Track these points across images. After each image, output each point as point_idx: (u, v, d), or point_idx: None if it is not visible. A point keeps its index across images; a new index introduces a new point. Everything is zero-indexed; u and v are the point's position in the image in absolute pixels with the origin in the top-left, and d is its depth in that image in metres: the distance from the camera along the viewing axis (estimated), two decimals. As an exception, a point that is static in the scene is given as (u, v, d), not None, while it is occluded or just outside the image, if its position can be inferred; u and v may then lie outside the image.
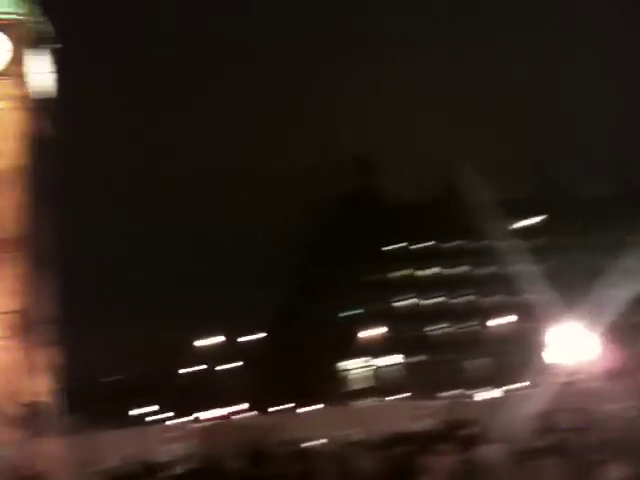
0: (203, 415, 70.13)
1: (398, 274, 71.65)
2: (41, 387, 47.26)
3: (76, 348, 57.06)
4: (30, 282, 47.68)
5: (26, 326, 46.03)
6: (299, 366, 69.94)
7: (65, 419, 49.88)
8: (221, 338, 71.29)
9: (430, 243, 72.27)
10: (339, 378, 69.97)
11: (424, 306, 71.83)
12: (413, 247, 71.79)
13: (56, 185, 55.54)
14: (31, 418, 39.84)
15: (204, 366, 79.97)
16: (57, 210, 55.32)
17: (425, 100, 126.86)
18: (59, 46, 56.67)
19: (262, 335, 79.25)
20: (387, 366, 68.88)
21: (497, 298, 73.23)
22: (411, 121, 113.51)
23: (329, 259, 68.31)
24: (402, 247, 70.96)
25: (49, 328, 51.70)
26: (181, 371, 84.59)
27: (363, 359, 69.76)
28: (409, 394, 60.07)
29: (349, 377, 70.73)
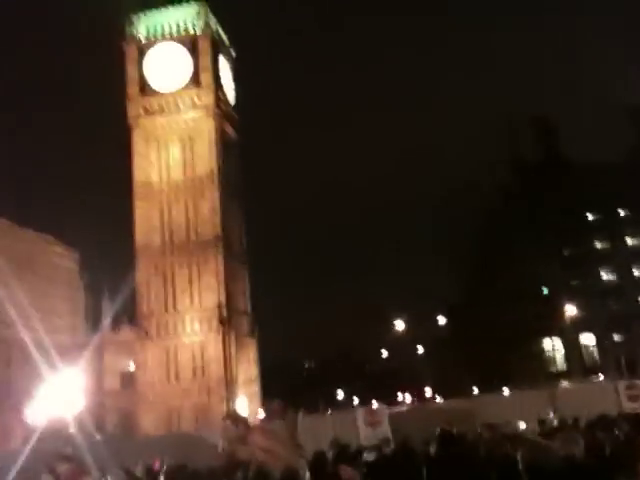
0: (394, 399, 70.71)
1: (597, 245, 64.79)
2: (243, 375, 50.46)
3: (271, 337, 60.52)
4: (228, 278, 51.03)
5: (225, 319, 49.23)
6: (490, 347, 67.65)
7: (265, 404, 53.08)
8: (402, 323, 71.15)
9: (627, 211, 64.86)
10: (537, 358, 66.25)
11: (627, 280, 65.19)
12: (610, 214, 64.73)
13: (244, 186, 59.65)
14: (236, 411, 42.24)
15: (388, 351, 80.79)
16: (247, 209, 59.32)
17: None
18: (234, 54, 60.37)
19: (443, 318, 77.66)
20: (588, 345, 64.00)
21: None
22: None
23: (515, 231, 64.69)
24: (598, 215, 64.51)
25: (247, 320, 55.39)
26: (368, 357, 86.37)
27: (561, 338, 65.33)
28: (614, 373, 55.34)
29: (547, 357, 66.69)
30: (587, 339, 62.99)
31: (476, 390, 60.89)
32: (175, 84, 53.33)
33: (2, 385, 42.63)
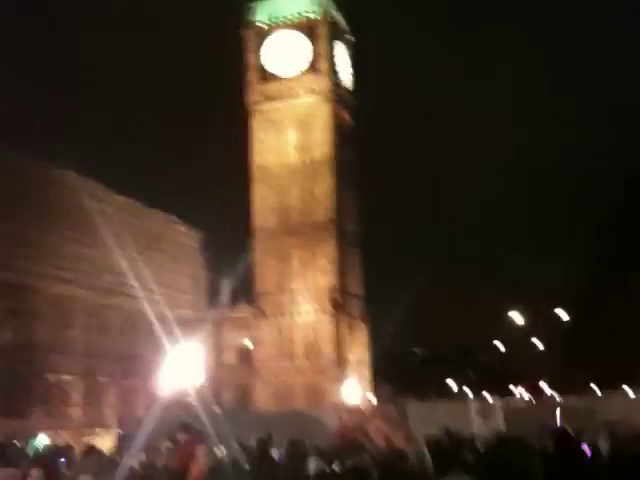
0: (508, 392, 68.61)
1: None
2: (354, 358, 50.98)
3: (383, 322, 60.49)
4: (341, 261, 51.62)
5: (338, 301, 49.91)
6: (614, 344, 64.05)
7: (376, 389, 53.33)
8: (519, 314, 68.54)
9: None
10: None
11: None
12: None
13: (360, 171, 59.79)
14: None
15: (503, 343, 78.47)
16: (363, 194, 59.47)
17: None
18: (354, 40, 60.24)
19: (563, 311, 74.02)
20: None
21: None
22: None
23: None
24: None
25: (359, 303, 55.78)
26: (482, 348, 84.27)
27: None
28: None
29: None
30: None
31: (595, 388, 57.85)
32: (293, 70, 54.17)
33: (129, 353, 45.74)
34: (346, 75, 57.92)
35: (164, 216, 52.83)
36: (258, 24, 55.66)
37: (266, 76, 54.62)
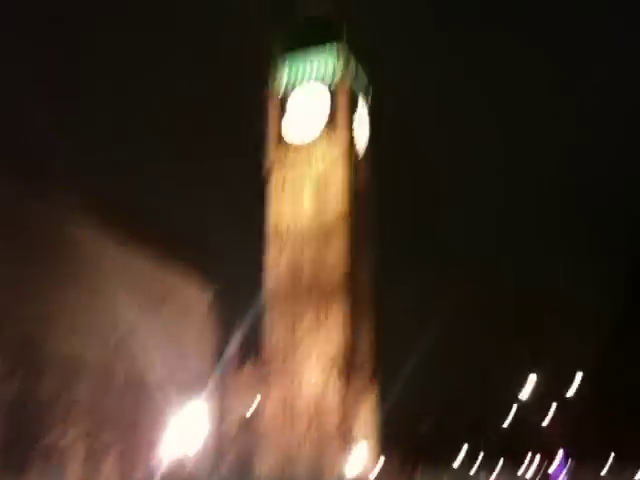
0: (522, 459, 66.34)
1: None
2: (362, 425, 49.67)
3: (393, 387, 59.09)
4: (352, 325, 50.76)
5: (346, 371, 48.83)
6: (633, 414, 61.87)
7: (385, 456, 51.84)
8: (534, 380, 66.66)
9: None
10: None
11: None
12: None
13: (375, 233, 59.33)
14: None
15: (517, 409, 76.45)
16: (377, 256, 58.86)
17: None
18: (372, 96, 60.33)
19: (579, 378, 71.82)
20: None
21: None
22: None
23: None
24: None
25: (369, 368, 54.62)
26: (496, 413, 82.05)
27: None
28: None
29: None
30: None
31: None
32: (311, 134, 54.45)
33: (132, 415, 44.97)
34: (363, 136, 58.03)
35: (174, 271, 52.51)
36: (280, 88, 56.21)
37: (285, 139, 54.99)
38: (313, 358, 49.77)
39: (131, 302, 44.12)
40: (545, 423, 74.86)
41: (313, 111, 54.90)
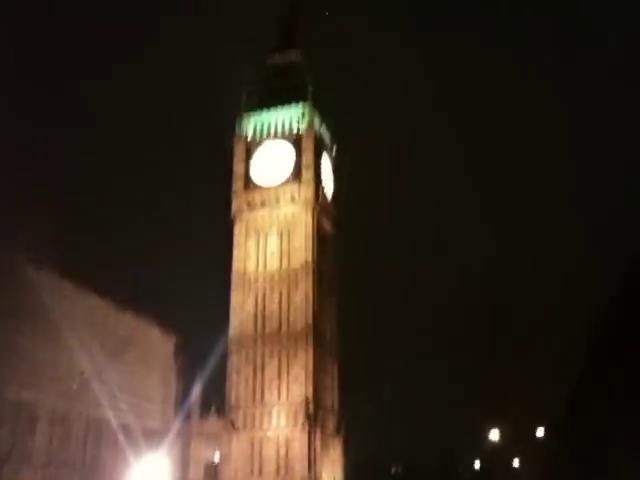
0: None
1: None
2: (327, 475, 48.81)
3: (358, 436, 58.52)
4: (317, 371, 50.48)
5: (312, 416, 48.30)
6: (599, 465, 62.29)
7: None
8: (498, 432, 66.86)
9: None
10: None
11: None
12: None
13: (336, 278, 59.94)
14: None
15: (481, 461, 76.24)
16: (338, 302, 59.32)
17: None
18: (335, 152, 62.33)
19: (542, 430, 72.38)
20: None
21: None
22: None
23: (630, 341, 60.70)
24: None
25: (334, 416, 54.10)
26: (461, 465, 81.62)
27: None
28: None
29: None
30: None
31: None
32: (277, 180, 55.50)
33: (92, 463, 43.41)
34: (328, 184, 59.38)
35: (137, 318, 51.80)
36: (247, 135, 57.51)
37: (252, 185, 55.86)
38: (279, 404, 49.17)
39: (93, 348, 43.28)
40: (509, 476, 74.73)
41: (279, 160, 56.11)
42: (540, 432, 64.83)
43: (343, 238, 61.22)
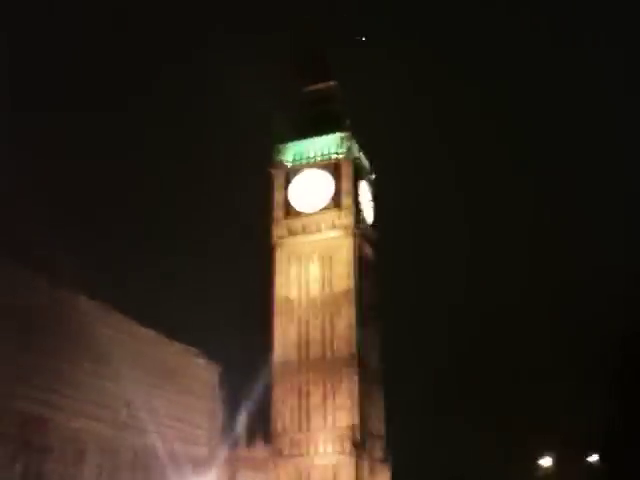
0: None
1: None
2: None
3: (406, 464, 57.30)
4: (362, 399, 49.90)
5: (359, 442, 47.62)
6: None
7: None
8: (550, 460, 64.75)
9: None
10: None
11: None
12: None
13: (382, 305, 59.62)
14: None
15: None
16: (383, 327, 58.86)
17: None
18: (374, 176, 62.48)
19: (596, 457, 69.83)
20: None
21: None
22: None
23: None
24: None
25: (381, 444, 53.28)
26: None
27: None
28: None
29: None
30: None
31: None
32: (317, 206, 55.81)
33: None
34: (368, 210, 59.46)
35: (182, 347, 52.23)
36: (286, 163, 58.19)
37: (292, 212, 56.29)
38: (326, 430, 48.65)
39: (140, 377, 43.66)
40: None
41: (319, 187, 56.53)
42: (593, 458, 62.62)
43: (386, 263, 61.13)
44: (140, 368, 44.44)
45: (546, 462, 65.13)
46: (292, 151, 58.70)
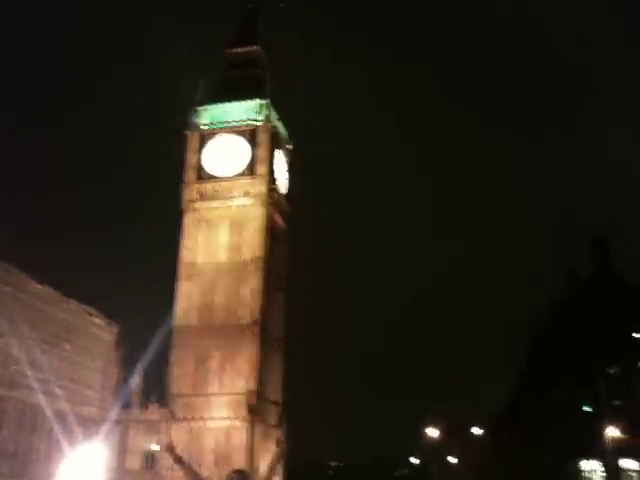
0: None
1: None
2: (266, 468, 48.94)
3: (300, 431, 58.79)
4: (262, 365, 50.53)
5: (255, 409, 48.38)
6: (527, 464, 64.54)
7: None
8: (436, 430, 68.48)
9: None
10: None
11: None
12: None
13: (289, 276, 60.00)
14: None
15: (419, 458, 77.55)
16: (286, 296, 59.38)
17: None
18: (291, 147, 62.37)
19: (481, 431, 74.44)
20: (629, 470, 59.75)
21: None
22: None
23: (564, 346, 63.17)
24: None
25: (276, 410, 54.28)
26: (398, 462, 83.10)
27: (601, 461, 61.30)
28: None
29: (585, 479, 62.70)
30: (628, 464, 58.99)
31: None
32: (231, 172, 55.25)
33: (26, 450, 42.49)
34: (282, 180, 59.41)
35: (79, 306, 50.82)
36: (202, 127, 57.06)
37: (204, 176, 55.47)
38: (222, 395, 49.05)
39: (29, 336, 42.40)
40: (445, 473, 76.68)
41: (234, 153, 55.89)
42: (476, 430, 66.69)
43: (295, 235, 61.43)
44: (34, 326, 43.07)
45: (432, 432, 68.79)
46: (209, 114, 57.66)
